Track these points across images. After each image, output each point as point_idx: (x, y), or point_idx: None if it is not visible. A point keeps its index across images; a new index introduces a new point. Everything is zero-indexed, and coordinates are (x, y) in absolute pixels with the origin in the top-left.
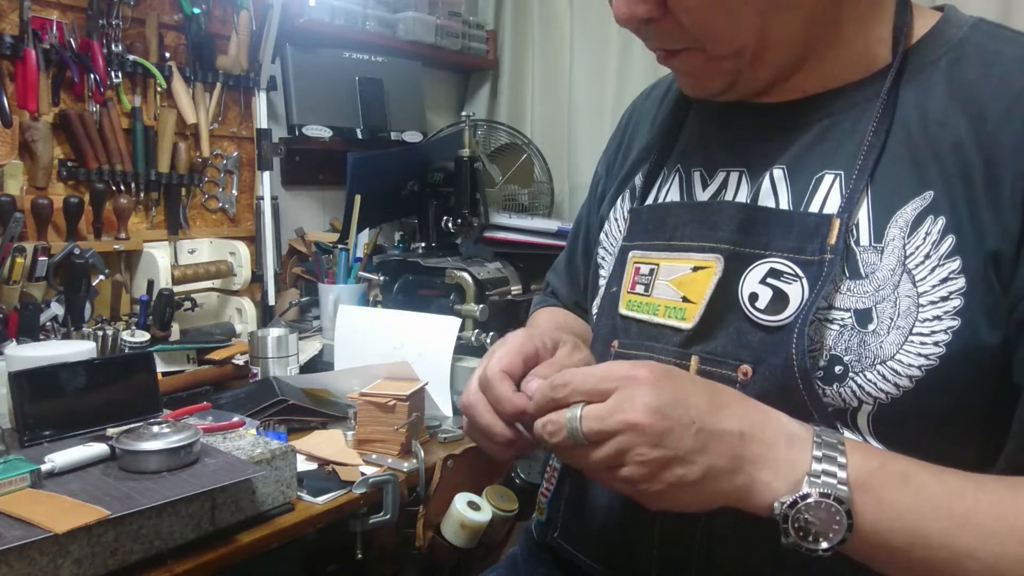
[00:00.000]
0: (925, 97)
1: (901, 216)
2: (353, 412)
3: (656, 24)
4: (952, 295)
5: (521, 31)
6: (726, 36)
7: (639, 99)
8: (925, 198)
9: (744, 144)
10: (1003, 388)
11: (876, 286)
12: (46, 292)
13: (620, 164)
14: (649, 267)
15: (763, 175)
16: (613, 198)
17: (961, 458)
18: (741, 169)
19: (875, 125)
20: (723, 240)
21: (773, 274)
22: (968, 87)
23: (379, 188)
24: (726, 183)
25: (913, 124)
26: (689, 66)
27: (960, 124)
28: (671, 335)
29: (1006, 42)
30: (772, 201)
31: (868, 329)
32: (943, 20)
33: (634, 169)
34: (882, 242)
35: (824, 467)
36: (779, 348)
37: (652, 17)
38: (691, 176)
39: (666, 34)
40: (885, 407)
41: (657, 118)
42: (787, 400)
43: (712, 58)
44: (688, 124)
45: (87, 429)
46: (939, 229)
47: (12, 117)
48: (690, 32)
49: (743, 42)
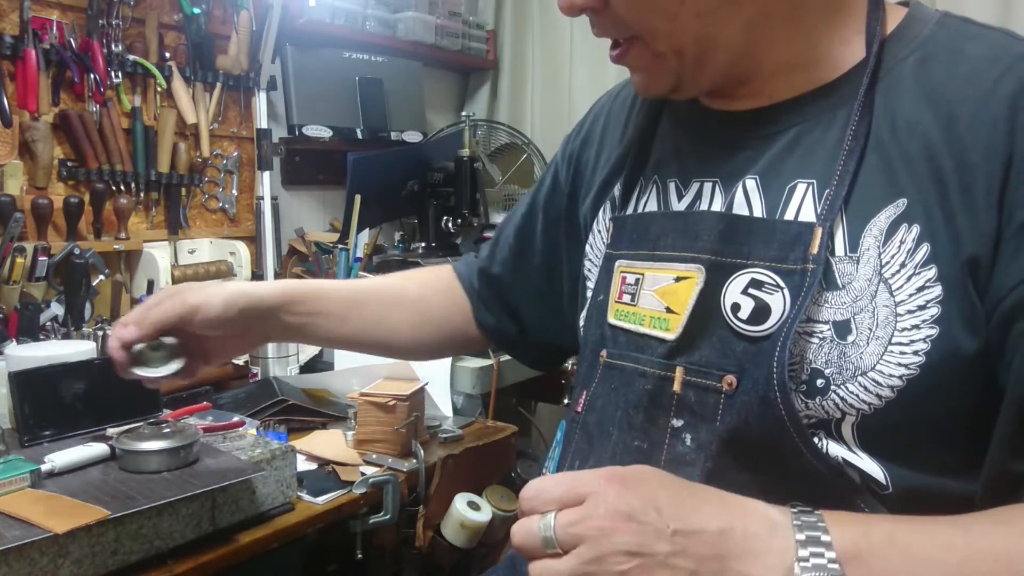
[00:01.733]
0: (895, 100)
1: (875, 225)
2: (353, 412)
3: (597, 15)
4: (929, 303)
5: (521, 31)
6: (663, 32)
7: (606, 98)
8: (899, 206)
9: (716, 154)
10: (985, 392)
11: (853, 297)
12: (46, 292)
13: (592, 167)
14: (635, 276)
15: (736, 185)
16: (594, 207)
17: (947, 464)
18: (714, 179)
19: (854, 128)
20: (704, 250)
21: (755, 284)
22: (936, 88)
23: (379, 188)
24: (700, 194)
25: (883, 128)
26: (637, 62)
27: (930, 127)
28: (656, 346)
29: (971, 39)
30: (746, 212)
31: (847, 341)
32: (909, 17)
33: (612, 178)
34: (857, 251)
35: (811, 550)
36: (762, 360)
37: (592, 7)
38: (667, 187)
39: (609, 26)
40: (868, 417)
41: (629, 124)
42: (765, 414)
43: (657, 55)
44: (660, 132)
45: (87, 429)
46: (914, 237)
47: (12, 117)
48: (628, 25)
49: (681, 42)
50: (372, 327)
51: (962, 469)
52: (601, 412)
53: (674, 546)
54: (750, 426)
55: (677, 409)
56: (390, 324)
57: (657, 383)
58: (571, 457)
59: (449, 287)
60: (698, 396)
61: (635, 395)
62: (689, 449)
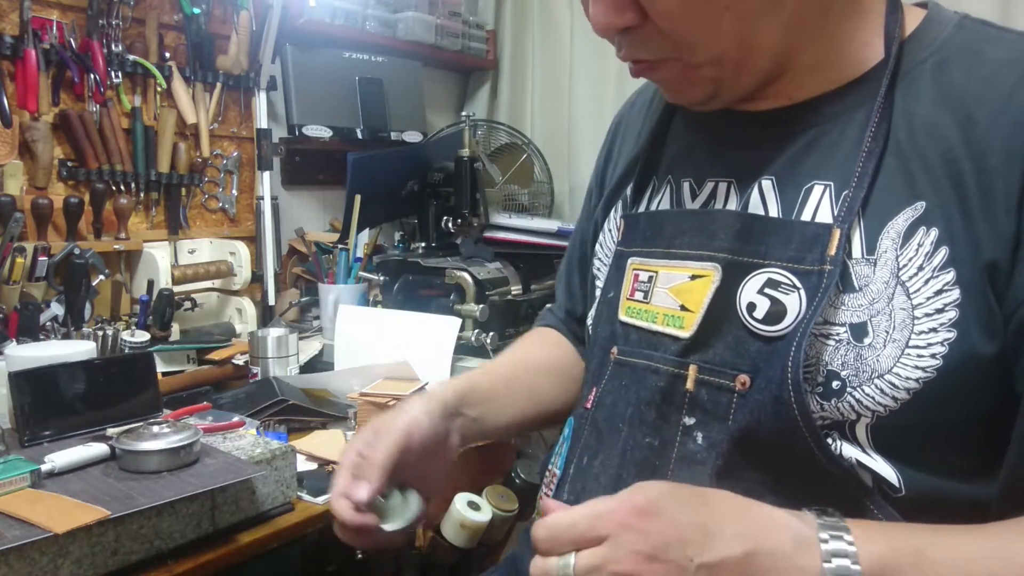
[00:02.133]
0: (913, 102)
1: (893, 227)
2: (353, 412)
3: (635, 33)
4: (947, 307)
5: (521, 31)
6: (705, 43)
7: (625, 108)
8: (917, 209)
9: (732, 154)
10: (1001, 396)
11: (870, 299)
12: (46, 292)
13: (611, 175)
14: (648, 274)
15: (752, 186)
16: (606, 208)
17: (961, 467)
18: (729, 180)
19: (873, 130)
20: (721, 249)
21: (771, 284)
22: (954, 91)
23: (379, 188)
24: (715, 193)
25: (902, 131)
26: (668, 77)
27: (949, 130)
28: (669, 343)
29: (990, 42)
30: (762, 212)
31: (864, 343)
32: (927, 19)
33: (625, 179)
34: (875, 254)
35: (837, 564)
36: (776, 360)
37: (631, 25)
38: (681, 186)
39: (644, 43)
40: (884, 419)
41: (644, 127)
42: (779, 414)
43: (689, 67)
44: (674, 131)
45: (87, 429)
46: (932, 240)
47: (12, 117)
48: (669, 40)
49: (723, 49)
50: (526, 400)
51: (976, 473)
52: (611, 409)
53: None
54: (763, 426)
55: (689, 407)
56: (540, 392)
57: (670, 381)
58: (579, 453)
59: (558, 342)
60: (711, 395)
61: (647, 392)
62: (700, 447)
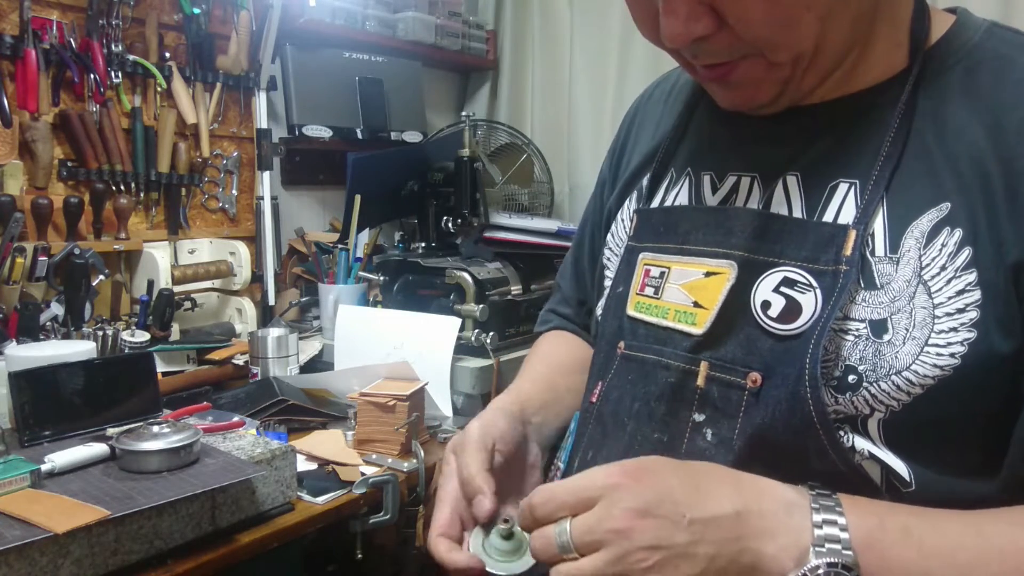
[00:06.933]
0: (941, 106)
1: (917, 227)
2: (353, 412)
3: (711, 40)
4: (968, 307)
5: (521, 31)
6: (787, 44)
7: (641, 100)
8: (941, 209)
9: (756, 149)
10: (1011, 394)
11: (891, 297)
12: (46, 292)
13: (625, 165)
14: (660, 270)
15: (776, 182)
16: (620, 198)
17: (972, 464)
18: (753, 174)
19: (893, 134)
20: (737, 247)
21: (787, 283)
22: (984, 96)
23: (379, 188)
24: (737, 188)
25: (929, 134)
26: (748, 76)
27: (977, 134)
28: (680, 339)
29: (1019, 48)
30: (785, 208)
31: (883, 339)
32: (957, 24)
33: (641, 170)
34: (898, 253)
35: (827, 532)
36: (792, 358)
37: (706, 35)
38: (700, 180)
39: (722, 49)
40: (896, 413)
41: (662, 118)
42: (794, 410)
43: (772, 65)
44: (695, 124)
45: (87, 429)
46: (956, 241)
47: (12, 117)
48: (745, 43)
49: (803, 49)
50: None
51: (986, 471)
52: (617, 403)
53: (692, 535)
54: (776, 423)
55: (699, 404)
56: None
57: (680, 377)
58: (584, 447)
59: (576, 342)
60: (721, 392)
61: (656, 387)
62: (710, 444)
